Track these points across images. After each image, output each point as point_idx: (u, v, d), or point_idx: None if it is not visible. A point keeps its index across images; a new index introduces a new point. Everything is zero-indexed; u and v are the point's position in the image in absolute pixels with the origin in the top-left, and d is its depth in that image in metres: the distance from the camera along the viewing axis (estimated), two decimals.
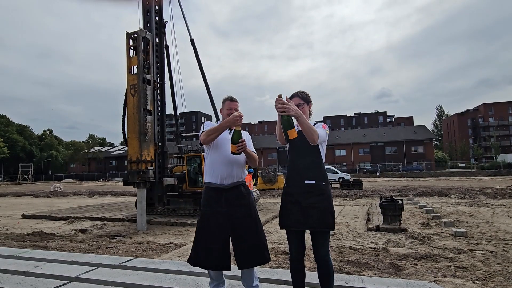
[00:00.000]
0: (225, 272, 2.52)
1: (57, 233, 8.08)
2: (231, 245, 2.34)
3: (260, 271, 3.06)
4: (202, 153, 10.57)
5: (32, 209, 13.66)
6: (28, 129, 77.86)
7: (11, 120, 74.21)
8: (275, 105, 2.13)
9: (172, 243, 6.70)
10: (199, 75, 11.60)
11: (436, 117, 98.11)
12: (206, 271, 2.79)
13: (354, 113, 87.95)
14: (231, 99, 2.57)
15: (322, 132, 2.22)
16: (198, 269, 3.00)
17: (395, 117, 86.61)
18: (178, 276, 3.05)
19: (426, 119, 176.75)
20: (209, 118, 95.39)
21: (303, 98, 2.37)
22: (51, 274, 3.21)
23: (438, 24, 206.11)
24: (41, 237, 7.39)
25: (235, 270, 2.48)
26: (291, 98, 2.34)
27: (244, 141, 2.26)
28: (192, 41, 11.49)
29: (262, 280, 2.84)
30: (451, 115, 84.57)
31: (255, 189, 13.29)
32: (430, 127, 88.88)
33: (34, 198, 21.42)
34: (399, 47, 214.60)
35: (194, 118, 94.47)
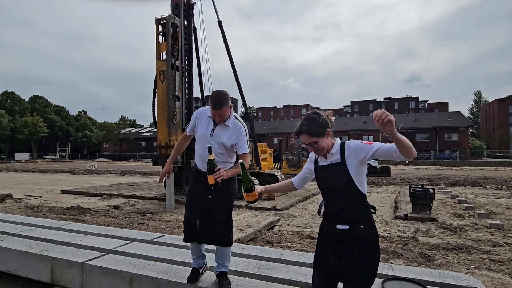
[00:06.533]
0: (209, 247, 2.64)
1: (93, 208, 8.60)
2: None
3: (287, 254, 3.09)
4: None
5: (70, 185, 14.59)
6: (64, 110, 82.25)
7: (49, 101, 78.62)
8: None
9: None
10: (223, 58, 11.61)
11: (473, 103, 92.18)
12: (235, 251, 2.87)
13: (384, 98, 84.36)
14: (213, 107, 2.25)
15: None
16: None
17: (428, 102, 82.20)
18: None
19: (461, 106, 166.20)
20: (234, 101, 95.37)
21: (314, 134, 1.71)
22: (90, 245, 3.43)
23: (477, 2, 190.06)
24: (79, 211, 7.91)
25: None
26: (298, 135, 1.79)
27: (219, 169, 2.13)
28: (219, 23, 11.39)
29: (290, 263, 2.87)
30: (491, 101, 78.96)
31: (280, 173, 13.32)
32: (466, 114, 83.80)
33: (71, 175, 22.84)
34: (433, 28, 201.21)
35: None
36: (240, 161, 1.95)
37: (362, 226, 1.71)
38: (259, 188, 1.98)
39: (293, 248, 4.58)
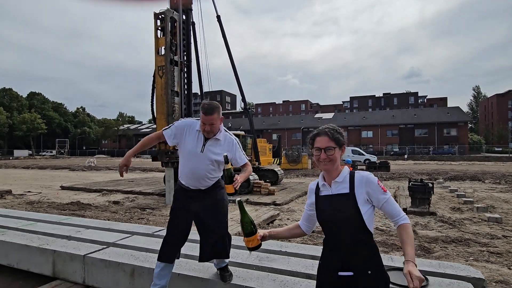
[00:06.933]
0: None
1: (93, 203, 8.61)
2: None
3: (287, 246, 3.11)
4: None
5: (69, 182, 14.59)
6: (62, 107, 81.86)
7: (46, 97, 78.25)
8: None
9: None
10: (222, 54, 11.70)
11: (472, 98, 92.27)
12: (235, 243, 2.88)
13: (383, 94, 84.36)
14: (205, 112, 2.13)
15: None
16: None
17: (427, 98, 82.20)
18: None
19: (460, 101, 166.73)
20: (233, 97, 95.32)
21: (334, 139, 1.49)
22: (91, 239, 3.44)
23: None
24: (79, 207, 7.92)
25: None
26: (315, 136, 1.54)
27: (237, 178, 2.07)
28: (218, 17, 11.32)
29: (290, 254, 2.89)
30: (490, 96, 79.03)
31: (279, 168, 13.34)
32: (465, 109, 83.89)
33: (70, 171, 22.82)
34: (432, 23, 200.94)
35: (218, 97, 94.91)
36: (239, 199, 1.78)
37: (370, 272, 1.42)
38: (261, 232, 1.73)
39: (293, 241, 4.61)
